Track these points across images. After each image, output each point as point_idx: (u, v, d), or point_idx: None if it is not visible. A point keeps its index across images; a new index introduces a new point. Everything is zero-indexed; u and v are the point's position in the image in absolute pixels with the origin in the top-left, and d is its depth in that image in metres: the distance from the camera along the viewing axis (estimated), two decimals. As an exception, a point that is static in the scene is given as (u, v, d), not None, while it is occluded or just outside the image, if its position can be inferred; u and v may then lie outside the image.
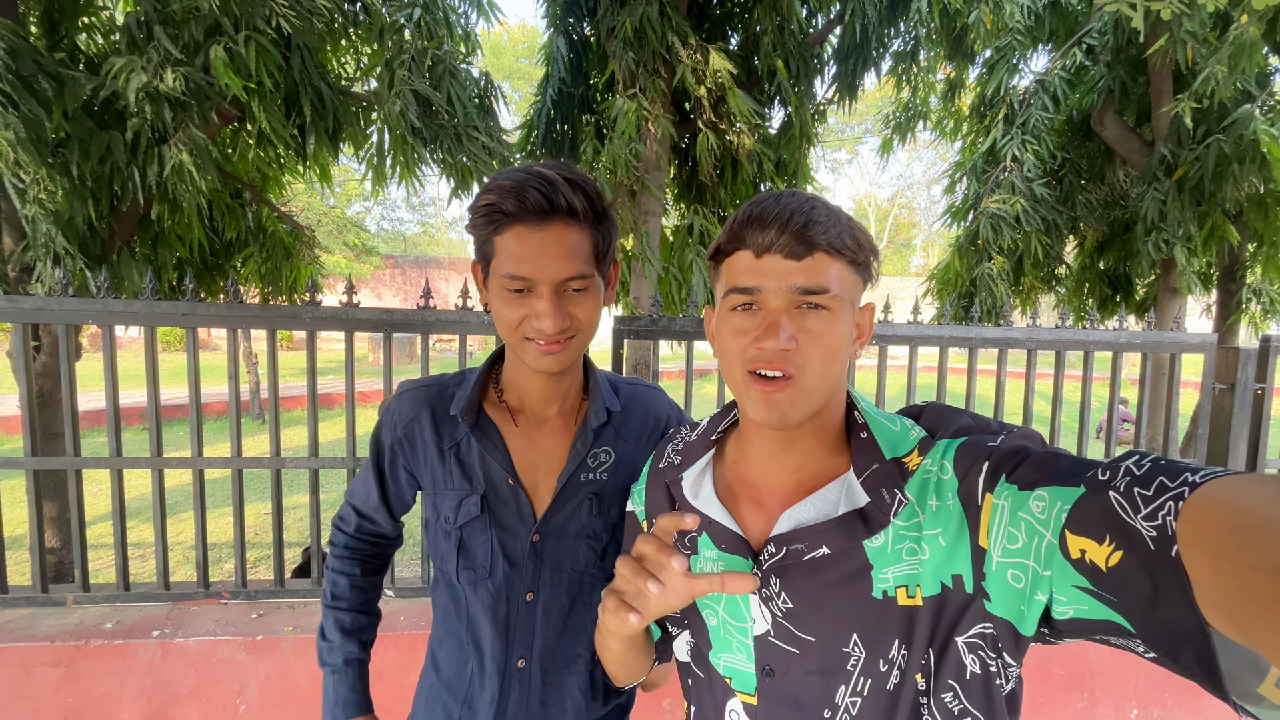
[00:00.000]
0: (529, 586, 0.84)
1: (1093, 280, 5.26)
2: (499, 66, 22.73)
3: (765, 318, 0.58)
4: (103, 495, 5.45)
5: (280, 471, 1.86)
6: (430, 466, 0.86)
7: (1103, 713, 2.08)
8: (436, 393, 0.88)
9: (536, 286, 0.73)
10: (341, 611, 0.93)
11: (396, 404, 0.89)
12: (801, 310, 0.58)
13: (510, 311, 0.75)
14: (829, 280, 0.57)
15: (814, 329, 0.58)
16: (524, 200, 0.70)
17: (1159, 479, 0.42)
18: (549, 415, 0.87)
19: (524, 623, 0.84)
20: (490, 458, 0.84)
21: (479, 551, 0.84)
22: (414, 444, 0.87)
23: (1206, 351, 2.20)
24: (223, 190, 3.25)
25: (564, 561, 0.85)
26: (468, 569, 0.84)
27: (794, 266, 0.57)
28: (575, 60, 4.42)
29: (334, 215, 15.44)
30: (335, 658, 0.92)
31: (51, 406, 2.74)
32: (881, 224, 31.64)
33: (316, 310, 1.77)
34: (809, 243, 0.56)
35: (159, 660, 1.68)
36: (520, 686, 0.85)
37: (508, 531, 0.84)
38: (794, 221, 0.56)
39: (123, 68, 2.33)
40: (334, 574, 0.94)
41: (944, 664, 0.57)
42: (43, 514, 1.81)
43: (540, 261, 0.72)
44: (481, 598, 0.84)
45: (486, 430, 0.85)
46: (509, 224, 0.72)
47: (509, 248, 0.72)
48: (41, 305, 1.68)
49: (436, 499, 0.86)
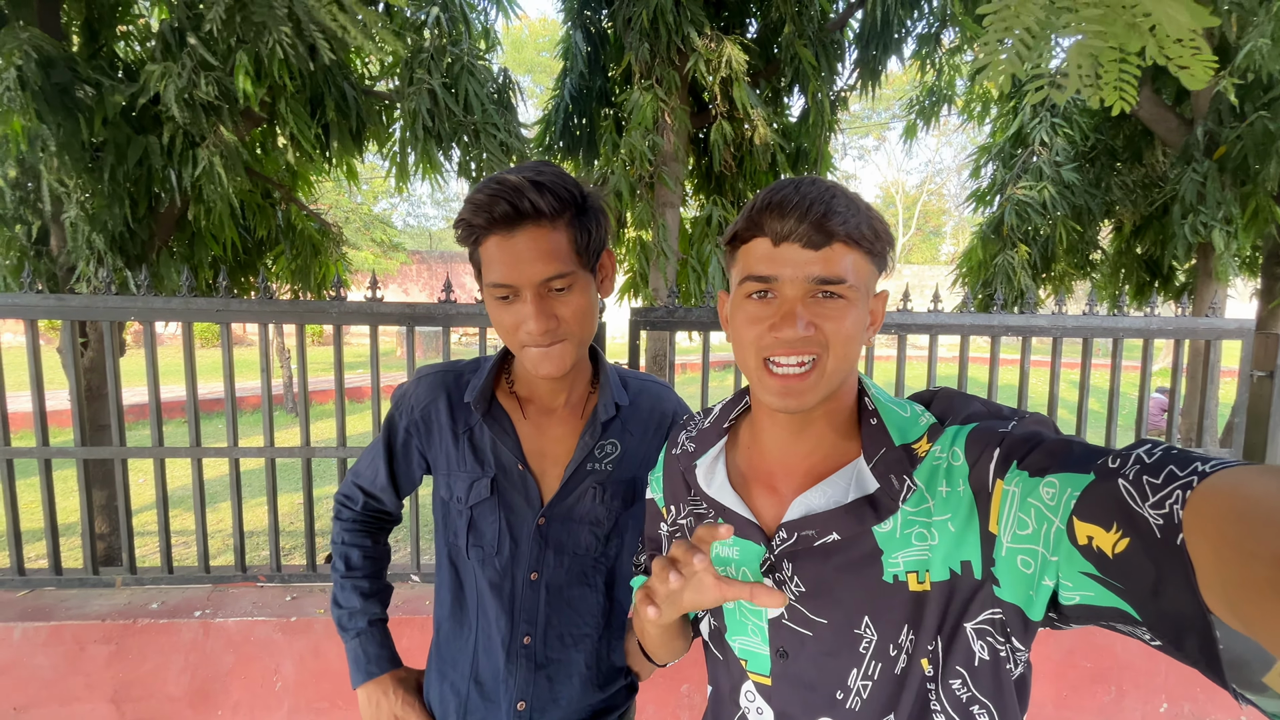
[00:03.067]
0: (533, 566, 0.88)
1: (1130, 266, 5.07)
2: (520, 60, 22.79)
3: (781, 306, 0.58)
4: (147, 485, 5.70)
5: (310, 461, 1.93)
6: (445, 448, 0.90)
7: (1130, 705, 2.04)
8: (453, 378, 0.92)
9: (520, 291, 0.75)
10: (359, 579, 0.97)
11: (414, 388, 0.93)
12: (817, 299, 0.58)
13: (501, 317, 0.78)
14: (846, 270, 0.57)
15: (830, 317, 0.58)
16: (492, 212, 0.72)
17: (1169, 468, 0.42)
18: (557, 405, 0.90)
19: (528, 601, 0.88)
20: (501, 443, 0.88)
21: (488, 530, 0.88)
22: (430, 426, 0.91)
23: (1244, 338, 2.12)
24: (254, 190, 3.35)
25: (567, 544, 0.89)
26: (476, 546, 0.88)
27: (812, 256, 0.57)
28: (593, 53, 4.42)
29: (361, 212, 15.74)
30: (358, 621, 0.95)
31: (99, 400, 2.88)
32: (910, 211, 30.91)
33: (343, 305, 1.83)
34: (828, 233, 0.56)
35: (201, 638, 1.78)
36: (526, 662, 0.88)
37: (515, 513, 0.88)
38: (814, 211, 0.56)
39: (161, 74, 2.42)
40: (345, 547, 0.98)
41: (953, 651, 0.58)
42: (92, 501, 1.92)
43: (517, 266, 0.74)
44: (489, 575, 0.88)
45: (498, 418, 0.88)
46: (484, 236, 0.75)
47: (490, 257, 0.76)
48: (88, 303, 1.77)
49: (450, 479, 0.90)
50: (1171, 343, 2.16)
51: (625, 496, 0.90)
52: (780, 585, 0.64)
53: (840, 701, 0.62)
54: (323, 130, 3.04)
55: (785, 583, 0.63)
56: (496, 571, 0.88)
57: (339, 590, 0.97)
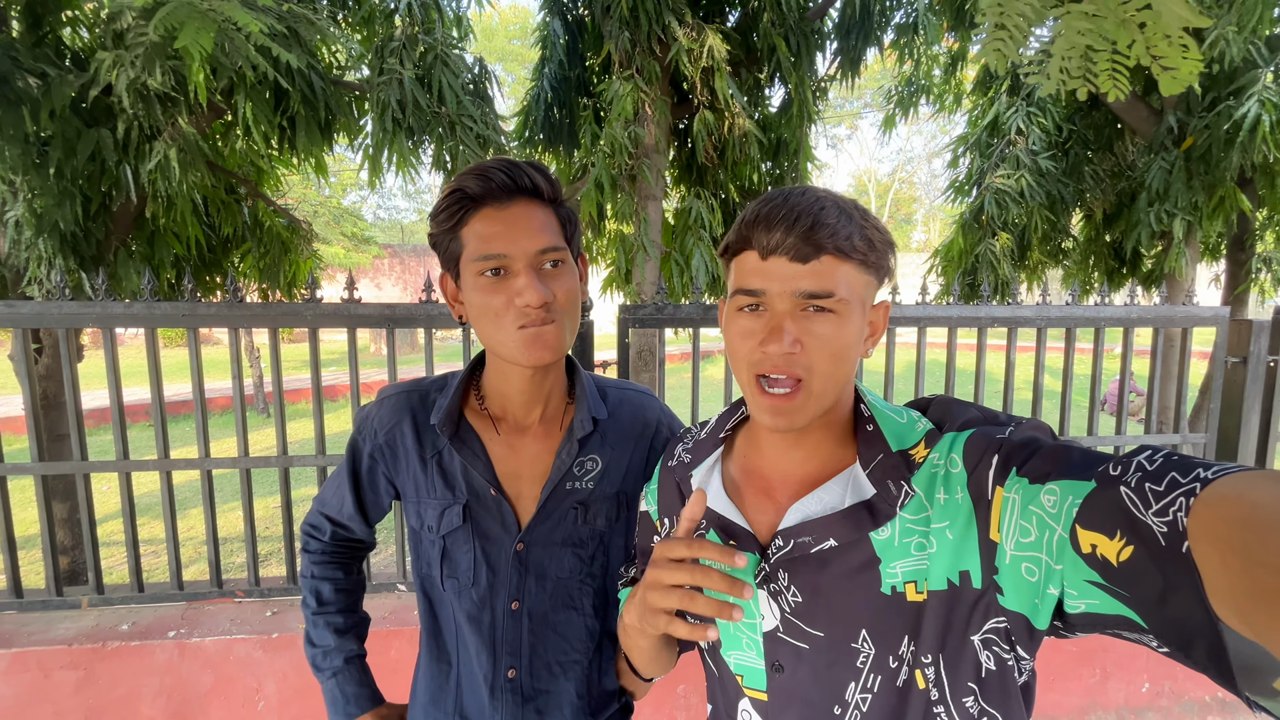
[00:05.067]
0: (514, 595, 0.82)
1: (1099, 253, 5.19)
2: (491, 49, 22.35)
3: (770, 320, 0.58)
4: (111, 493, 5.48)
5: (289, 470, 1.85)
6: (412, 474, 0.84)
7: (1114, 686, 2.10)
8: (418, 399, 0.86)
9: (512, 264, 0.72)
10: (332, 614, 0.91)
11: (376, 410, 0.87)
12: (808, 314, 0.57)
13: (490, 299, 0.73)
14: (835, 284, 0.56)
15: (820, 333, 0.57)
16: (490, 179, 0.71)
17: (1171, 474, 0.41)
18: (531, 422, 0.84)
19: (510, 631, 0.83)
20: (471, 467, 0.82)
21: (463, 560, 0.82)
22: (395, 452, 0.85)
23: (1219, 325, 2.18)
24: (217, 186, 3.20)
25: (549, 569, 0.83)
26: (451, 577, 0.83)
27: (799, 270, 0.56)
28: (571, 42, 4.32)
29: (330, 205, 15.31)
30: (334, 660, 0.90)
31: (56, 408, 2.73)
32: (882, 200, 31.33)
33: (318, 307, 1.75)
34: (815, 245, 0.55)
35: (177, 660, 1.70)
36: (512, 696, 0.83)
37: (491, 541, 0.82)
38: (800, 223, 0.55)
39: (112, 63, 2.27)
40: (315, 581, 0.92)
41: (961, 665, 0.57)
42: (53, 517, 1.81)
43: (512, 235, 0.72)
44: (465, 606, 0.82)
45: (467, 440, 0.82)
46: (475, 209, 0.73)
47: (478, 231, 0.72)
48: (41, 310, 1.66)
49: (420, 507, 0.84)
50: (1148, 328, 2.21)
51: (609, 514, 0.84)
52: (775, 596, 0.62)
53: (838, 717, 0.61)
54: (288, 123, 2.91)
55: (781, 593, 0.62)
56: (474, 603, 0.82)
57: (312, 628, 0.91)
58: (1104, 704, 2.09)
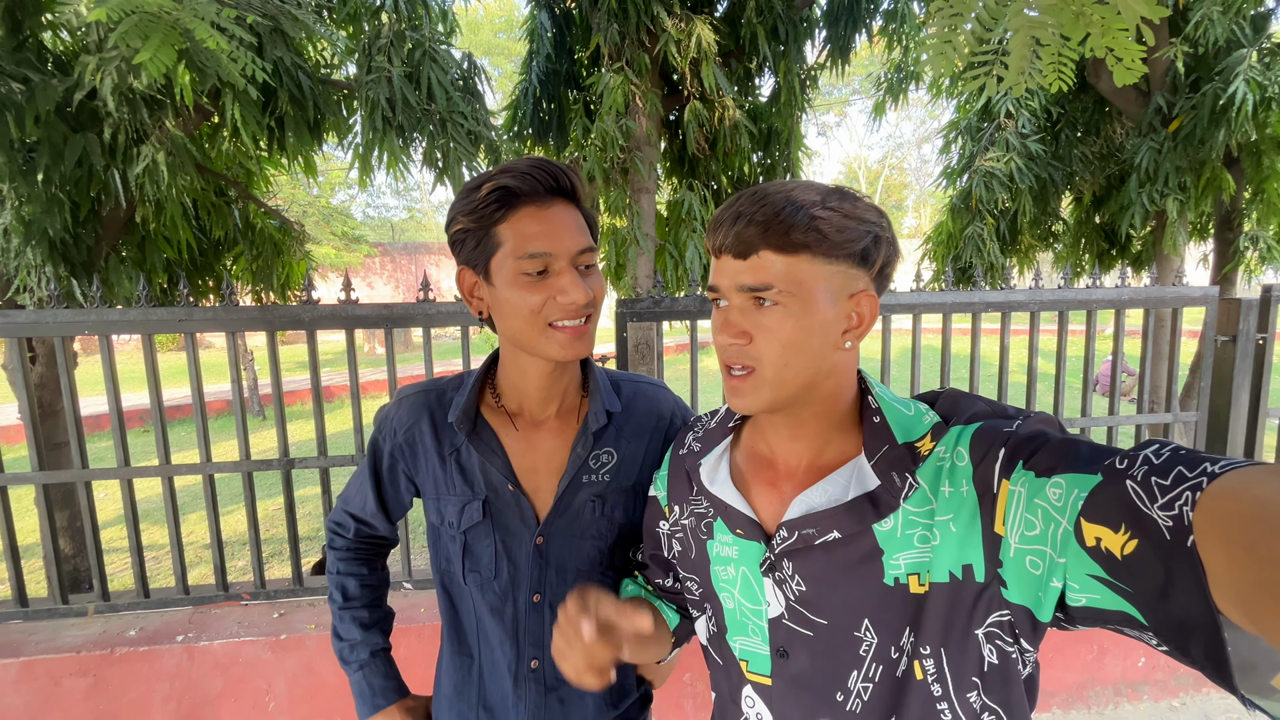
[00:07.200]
0: (535, 588, 0.84)
1: (1089, 235, 5.22)
2: (477, 43, 22.11)
3: (724, 314, 0.62)
4: (112, 500, 5.46)
5: (291, 473, 1.86)
6: (432, 472, 0.85)
7: (1111, 662, 2.14)
8: (435, 398, 0.87)
9: (555, 262, 0.73)
10: (358, 609, 0.93)
11: (395, 410, 0.88)
12: (758, 307, 0.59)
13: (531, 296, 0.73)
14: (772, 277, 0.57)
15: (766, 324, 0.59)
16: (534, 178, 0.72)
17: (1177, 469, 0.42)
18: (547, 417, 0.86)
19: (532, 624, 0.84)
20: (489, 463, 0.83)
21: (484, 555, 0.84)
22: (415, 450, 0.86)
23: (1209, 304, 2.20)
24: (206, 188, 3.17)
25: (569, 562, 0.85)
26: (474, 571, 0.84)
27: (740, 265, 0.59)
28: (559, 35, 4.29)
29: (319, 205, 15.17)
30: (361, 653, 0.92)
31: (53, 416, 2.72)
32: (872, 186, 31.31)
33: (316, 309, 1.75)
34: (747, 242, 0.57)
35: (186, 664, 1.71)
36: (536, 686, 0.85)
37: (511, 535, 0.84)
38: (739, 222, 0.57)
39: (96, 67, 2.25)
40: (341, 577, 0.94)
41: (964, 659, 0.58)
42: (55, 523, 1.81)
43: (557, 234, 0.73)
44: (489, 600, 0.84)
45: (484, 436, 0.84)
46: (519, 205, 0.73)
47: (522, 229, 0.72)
48: (36, 319, 1.65)
49: (440, 504, 0.85)
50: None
51: (627, 505, 0.86)
52: (780, 584, 0.64)
53: (840, 704, 0.62)
54: (277, 124, 2.88)
55: (786, 581, 0.64)
56: (496, 596, 0.84)
57: (339, 622, 0.94)
58: (1101, 679, 2.13)
